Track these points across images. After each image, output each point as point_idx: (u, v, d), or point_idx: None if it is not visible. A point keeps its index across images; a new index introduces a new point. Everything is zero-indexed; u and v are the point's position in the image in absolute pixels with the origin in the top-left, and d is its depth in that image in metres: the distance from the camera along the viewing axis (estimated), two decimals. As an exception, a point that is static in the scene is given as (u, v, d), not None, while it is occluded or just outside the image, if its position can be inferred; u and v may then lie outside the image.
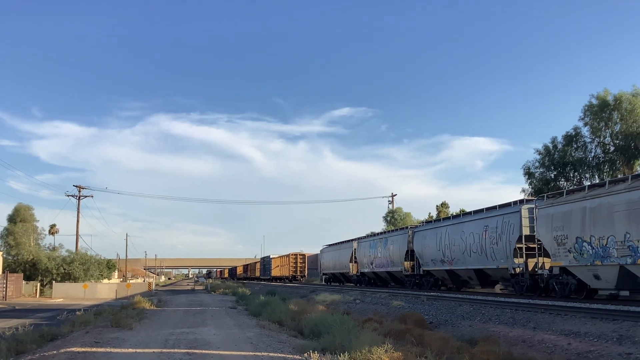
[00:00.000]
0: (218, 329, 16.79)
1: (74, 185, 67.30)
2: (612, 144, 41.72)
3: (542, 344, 13.13)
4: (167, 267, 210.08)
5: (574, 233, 20.40)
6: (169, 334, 15.45)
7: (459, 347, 12.18)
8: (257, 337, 14.56)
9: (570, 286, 21.40)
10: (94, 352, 11.77)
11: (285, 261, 77.00)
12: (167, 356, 11.22)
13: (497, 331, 15.31)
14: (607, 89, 41.55)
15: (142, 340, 13.89)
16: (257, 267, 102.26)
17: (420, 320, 17.95)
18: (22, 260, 55.07)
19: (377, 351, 10.58)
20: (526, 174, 45.67)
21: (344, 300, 29.34)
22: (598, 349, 11.73)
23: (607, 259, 18.76)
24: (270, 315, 19.70)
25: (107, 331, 15.91)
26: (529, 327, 15.30)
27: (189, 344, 13.15)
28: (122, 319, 18.00)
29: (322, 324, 14.45)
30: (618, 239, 18.25)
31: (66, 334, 15.62)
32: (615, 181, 19.94)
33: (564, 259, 21.05)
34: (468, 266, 29.35)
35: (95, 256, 62.06)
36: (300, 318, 17.51)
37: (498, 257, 26.24)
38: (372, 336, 12.58)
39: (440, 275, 33.51)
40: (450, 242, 30.92)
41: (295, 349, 12.25)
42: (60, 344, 13.32)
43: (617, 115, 40.66)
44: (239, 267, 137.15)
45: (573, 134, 43.38)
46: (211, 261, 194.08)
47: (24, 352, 12.34)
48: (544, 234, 22.45)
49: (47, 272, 53.68)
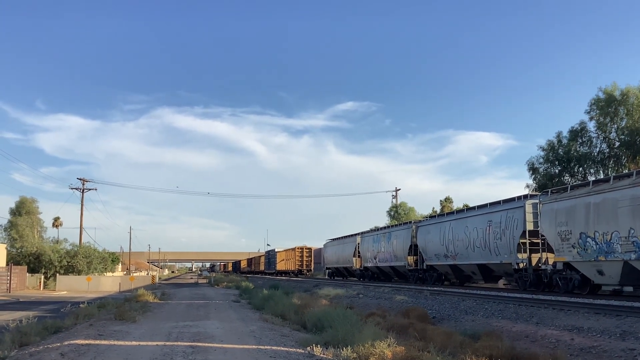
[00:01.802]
0: (221, 323, 16.84)
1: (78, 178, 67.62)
2: (617, 139, 41.48)
3: (545, 339, 13.12)
4: (171, 261, 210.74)
5: (578, 228, 20.36)
6: (173, 327, 15.50)
7: (462, 342, 12.17)
8: (260, 331, 14.59)
9: (574, 281, 21.37)
10: (98, 344, 11.81)
11: (291, 255, 76.21)
12: (171, 349, 11.25)
13: (500, 326, 15.30)
14: (615, 83, 41.11)
15: (145, 333, 13.93)
16: (261, 261, 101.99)
17: (423, 314, 17.96)
18: (26, 252, 55.19)
19: (380, 345, 10.59)
20: (530, 169, 45.54)
21: (347, 295, 29.37)
22: (601, 344, 11.71)
23: (611, 254, 18.72)
24: (274, 309, 19.74)
25: (111, 324, 15.96)
26: (532, 322, 15.29)
27: (193, 337, 13.18)
28: (125, 311, 18.04)
29: (325, 318, 14.46)
30: (622, 235, 18.20)
31: (70, 327, 15.66)
32: (619, 177, 19.88)
33: (568, 255, 21.01)
34: (471, 261, 29.34)
35: (99, 249, 62.23)
36: (303, 312, 17.55)
37: (502, 252, 26.21)
38: (375, 330, 12.59)
39: (444, 270, 33.50)
40: (454, 237, 30.90)
41: (298, 343, 12.27)
42: (64, 337, 13.37)
43: (623, 110, 40.42)
44: (243, 260, 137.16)
45: (578, 128, 43.17)
46: (214, 255, 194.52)
47: (27, 344, 12.38)
48: (547, 229, 22.40)
49: (51, 264, 53.84)
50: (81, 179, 63.73)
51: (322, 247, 64.81)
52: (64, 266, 54.15)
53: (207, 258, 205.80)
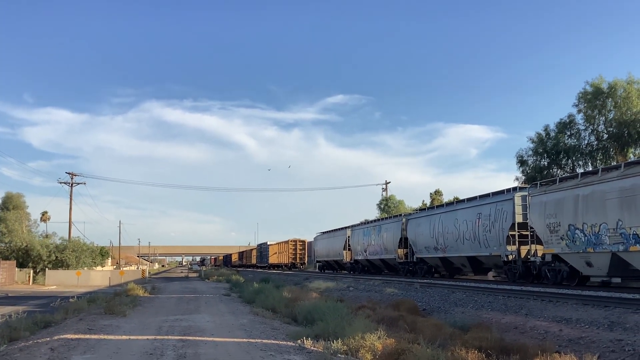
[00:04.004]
0: (212, 316, 16.84)
1: (67, 172, 66.99)
2: (605, 131, 41.78)
3: (534, 330, 13.22)
4: (161, 255, 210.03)
5: (566, 220, 20.49)
6: (163, 320, 15.48)
7: (452, 334, 12.25)
8: (251, 324, 14.61)
9: (563, 273, 21.53)
10: (88, 339, 11.77)
11: (284, 248, 75.70)
12: (161, 343, 11.24)
13: (489, 318, 15.40)
14: (601, 76, 41.45)
15: (135, 327, 13.90)
16: (253, 254, 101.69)
17: (414, 307, 18.05)
18: (15, 247, 54.81)
19: (370, 337, 10.64)
20: (519, 161, 45.79)
21: (338, 288, 29.44)
22: (589, 335, 11.82)
23: (600, 246, 18.86)
24: (264, 303, 19.75)
25: (101, 318, 15.91)
26: (521, 313, 15.39)
27: (183, 330, 13.17)
28: (115, 306, 17.99)
29: (315, 311, 14.49)
30: (610, 226, 18.34)
31: (59, 321, 15.58)
32: (608, 169, 20.02)
33: (557, 246, 21.16)
34: (461, 253, 29.49)
35: (89, 244, 61.88)
36: (293, 305, 17.58)
37: (491, 244, 26.36)
38: (365, 323, 12.64)
39: (434, 263, 33.65)
40: (444, 230, 31.03)
41: (288, 336, 12.30)
42: (54, 331, 13.30)
43: (611, 102, 40.68)
44: (234, 254, 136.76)
45: (567, 121, 43.45)
46: (205, 248, 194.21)
47: (17, 339, 12.30)
48: (536, 221, 22.54)
49: (40, 259, 53.50)
50: (70, 173, 63.48)
51: (313, 241, 64.82)
52: (53, 261, 53.83)
53: (197, 252, 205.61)
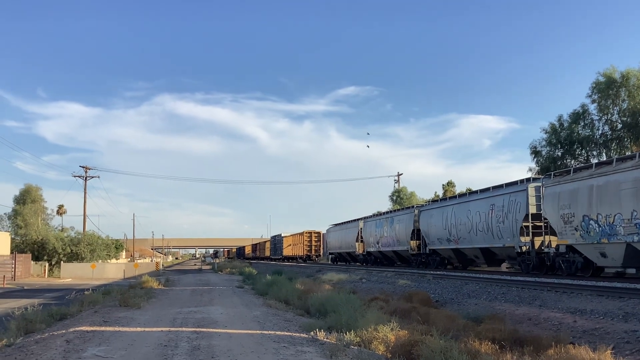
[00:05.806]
0: (225, 308, 16.92)
1: (81, 165, 67.46)
2: (619, 121, 41.33)
3: (548, 321, 13.16)
4: (174, 247, 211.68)
5: (580, 211, 20.33)
6: (177, 312, 15.59)
7: (465, 325, 12.23)
8: (264, 316, 14.67)
9: (577, 264, 21.40)
10: (103, 331, 11.88)
11: (299, 240, 75.01)
12: (175, 335, 11.32)
13: (503, 309, 15.36)
14: (613, 66, 41.00)
15: (150, 320, 14.01)
16: (266, 247, 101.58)
17: (426, 298, 18.03)
18: (31, 240, 55.43)
19: (383, 329, 10.64)
20: (533, 152, 45.45)
21: (350, 280, 29.49)
22: (604, 326, 11.75)
23: (614, 236, 18.71)
24: (277, 295, 19.82)
25: (116, 310, 16.06)
26: (535, 305, 15.33)
27: (197, 322, 13.26)
28: (130, 298, 18.13)
29: (328, 303, 14.52)
30: (625, 217, 18.17)
31: (75, 314, 15.75)
32: (622, 159, 19.81)
33: (571, 237, 21.01)
34: (474, 245, 29.38)
35: (103, 237, 62.42)
36: (306, 297, 17.63)
37: (504, 235, 26.23)
38: (378, 315, 12.66)
39: (447, 254, 33.57)
40: (457, 221, 30.91)
41: (301, 328, 12.34)
42: (69, 323, 13.45)
43: (624, 92, 40.22)
44: (247, 246, 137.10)
45: (580, 111, 43.03)
46: (218, 241, 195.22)
47: (33, 331, 12.46)
48: (550, 212, 22.39)
49: (55, 252, 54.08)
50: (84, 167, 63.81)
51: (325, 233, 64.81)
52: (68, 254, 54.40)
53: (210, 244, 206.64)
